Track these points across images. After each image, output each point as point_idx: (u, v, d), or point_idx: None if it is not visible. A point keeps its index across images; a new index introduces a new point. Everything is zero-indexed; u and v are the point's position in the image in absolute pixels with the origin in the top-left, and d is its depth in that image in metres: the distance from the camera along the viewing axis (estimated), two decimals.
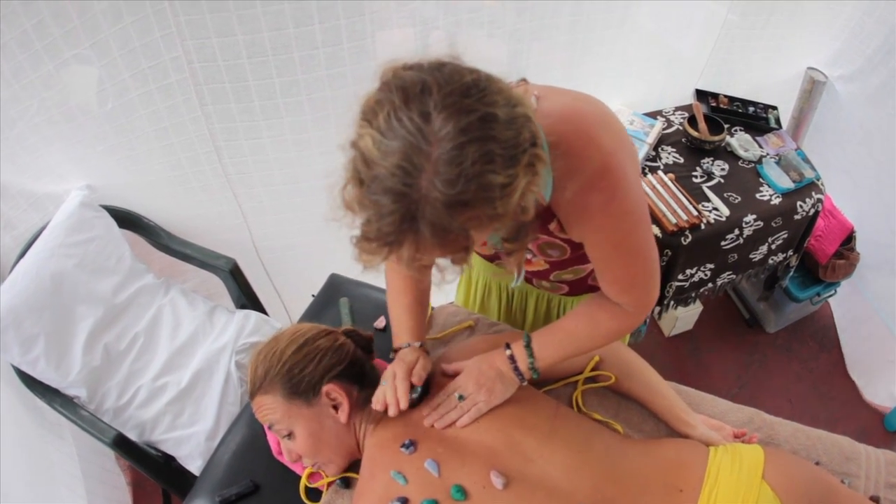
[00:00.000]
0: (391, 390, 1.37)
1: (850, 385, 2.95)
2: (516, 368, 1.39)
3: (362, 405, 1.43)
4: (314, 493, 1.52)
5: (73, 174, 2.08)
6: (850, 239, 2.70)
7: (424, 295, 1.54)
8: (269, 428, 1.43)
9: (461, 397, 1.38)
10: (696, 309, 2.98)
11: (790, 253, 2.61)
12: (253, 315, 2.23)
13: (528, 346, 1.39)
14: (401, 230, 0.90)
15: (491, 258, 1.66)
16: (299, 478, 1.52)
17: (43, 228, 2.02)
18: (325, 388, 1.38)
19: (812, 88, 2.75)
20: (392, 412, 1.35)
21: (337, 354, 1.42)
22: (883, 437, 2.79)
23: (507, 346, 1.42)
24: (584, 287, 1.60)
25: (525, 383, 1.42)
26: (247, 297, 2.29)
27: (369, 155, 0.88)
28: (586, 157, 1.10)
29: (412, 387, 1.39)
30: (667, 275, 2.36)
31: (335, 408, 1.40)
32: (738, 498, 1.23)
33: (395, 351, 1.48)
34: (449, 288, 2.09)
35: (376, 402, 1.38)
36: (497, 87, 0.92)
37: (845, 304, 3.03)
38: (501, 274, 1.76)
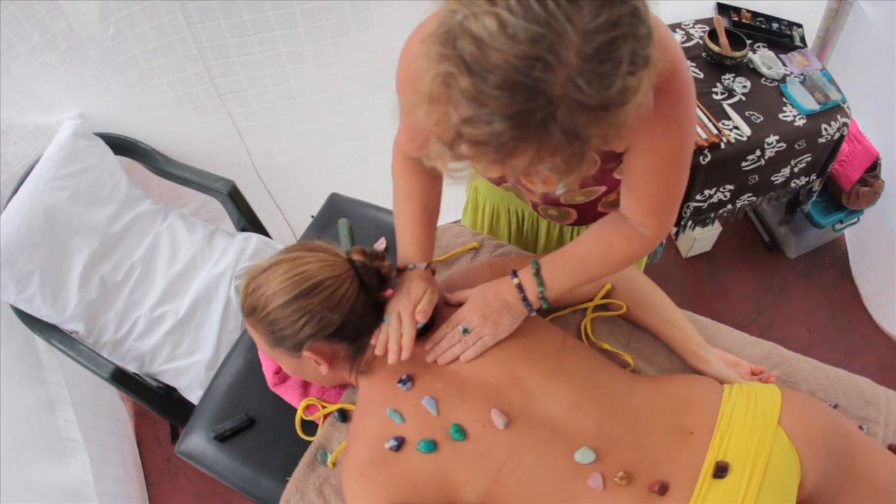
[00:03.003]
0: (395, 334, 1.25)
1: (870, 317, 2.87)
2: (525, 298, 1.29)
3: (354, 356, 1.32)
4: (310, 426, 1.47)
5: (65, 104, 2.00)
6: (875, 166, 2.59)
7: (434, 204, 1.41)
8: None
9: (465, 330, 1.28)
10: (714, 230, 2.90)
11: (813, 177, 2.52)
12: (254, 237, 2.17)
13: (537, 273, 1.29)
14: (525, 134, 0.77)
15: (497, 182, 1.56)
16: (295, 410, 1.48)
17: (36, 162, 1.95)
18: (305, 352, 1.25)
19: (839, 8, 2.62)
20: (392, 359, 1.24)
21: (326, 319, 1.22)
22: None
23: (515, 273, 1.32)
24: (594, 214, 1.52)
25: (533, 314, 1.33)
26: (247, 220, 2.23)
27: (490, 39, 0.73)
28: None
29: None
30: (685, 195, 2.26)
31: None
32: (751, 444, 1.15)
33: (400, 271, 1.36)
34: (454, 205, 1.97)
35: (379, 347, 1.26)
36: None
37: (862, 234, 2.94)
38: (510, 198, 1.67)
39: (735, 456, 1.15)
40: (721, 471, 1.13)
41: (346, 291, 1.24)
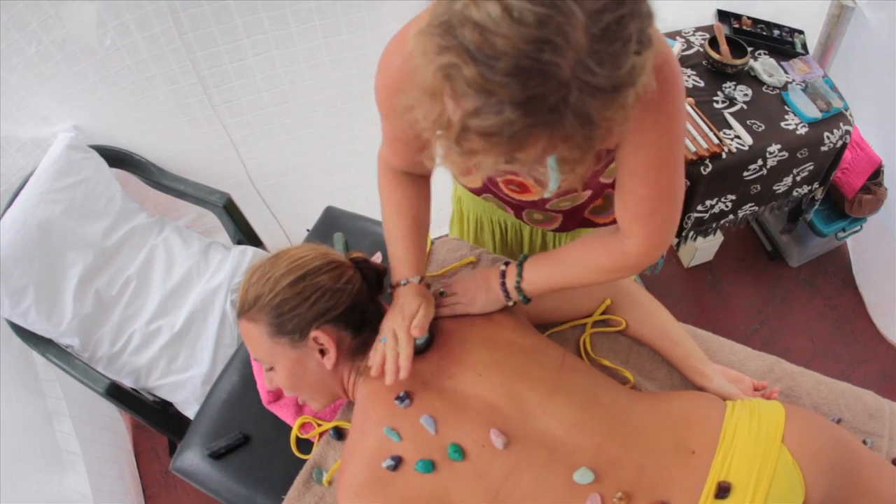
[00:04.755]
0: (392, 354, 1.23)
1: (873, 325, 2.85)
2: (504, 285, 1.32)
3: (354, 353, 1.31)
4: (305, 445, 1.45)
5: (59, 116, 1.99)
6: (877, 173, 2.58)
7: (423, 216, 1.39)
8: (254, 358, 1.34)
9: (443, 293, 1.37)
10: (716, 240, 2.89)
11: (815, 186, 2.49)
12: (250, 251, 2.16)
13: (520, 264, 1.32)
14: (537, 121, 0.74)
15: (478, 192, 1.55)
16: (290, 428, 1.46)
17: (31, 175, 1.94)
18: (313, 333, 1.25)
19: (840, 13, 2.61)
20: (389, 380, 1.21)
21: (336, 297, 1.26)
22: None
23: (506, 263, 1.35)
24: (579, 219, 1.51)
25: (512, 304, 1.34)
26: (243, 232, 2.21)
27: (494, 25, 0.70)
28: None
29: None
30: (686, 205, 2.26)
31: (322, 352, 1.27)
32: (755, 463, 1.13)
33: (394, 287, 1.34)
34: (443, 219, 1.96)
35: (374, 367, 1.24)
36: None
37: (865, 242, 2.92)
38: (492, 209, 1.66)
39: (737, 476, 1.12)
40: (723, 491, 1.11)
41: (352, 276, 1.30)
